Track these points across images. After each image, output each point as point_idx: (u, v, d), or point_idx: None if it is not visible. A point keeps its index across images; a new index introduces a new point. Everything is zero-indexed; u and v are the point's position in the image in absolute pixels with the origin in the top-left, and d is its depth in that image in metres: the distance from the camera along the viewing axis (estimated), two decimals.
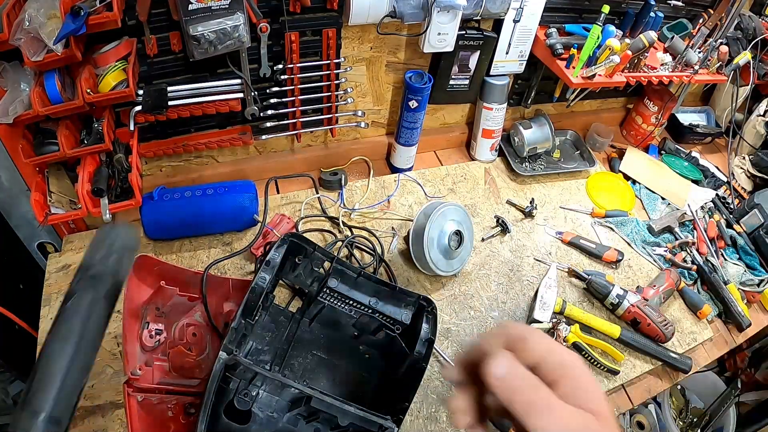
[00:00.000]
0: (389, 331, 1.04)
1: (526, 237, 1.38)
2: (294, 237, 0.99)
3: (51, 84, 0.91)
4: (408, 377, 0.94)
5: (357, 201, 1.36)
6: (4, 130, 0.95)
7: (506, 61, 1.39)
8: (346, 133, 1.44)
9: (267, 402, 0.87)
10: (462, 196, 1.44)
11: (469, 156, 1.59)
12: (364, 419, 0.81)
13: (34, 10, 0.83)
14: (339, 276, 1.02)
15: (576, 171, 1.58)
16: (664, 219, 1.48)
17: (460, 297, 1.22)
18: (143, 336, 0.92)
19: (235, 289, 1.04)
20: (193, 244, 1.20)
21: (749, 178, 1.69)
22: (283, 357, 0.98)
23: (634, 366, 1.18)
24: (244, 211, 1.20)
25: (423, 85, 1.29)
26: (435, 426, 1.00)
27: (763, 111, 1.69)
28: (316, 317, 1.04)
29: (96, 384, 0.96)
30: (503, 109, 1.47)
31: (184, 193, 1.18)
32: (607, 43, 1.26)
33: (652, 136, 1.72)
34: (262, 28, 1.05)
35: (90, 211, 1.02)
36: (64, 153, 0.98)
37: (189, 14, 0.95)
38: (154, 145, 1.19)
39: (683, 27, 1.49)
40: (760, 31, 1.54)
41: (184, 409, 0.89)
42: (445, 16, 1.19)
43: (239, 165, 1.34)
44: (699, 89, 1.92)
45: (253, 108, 1.19)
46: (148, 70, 1.07)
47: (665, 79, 1.41)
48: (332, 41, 1.17)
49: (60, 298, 1.06)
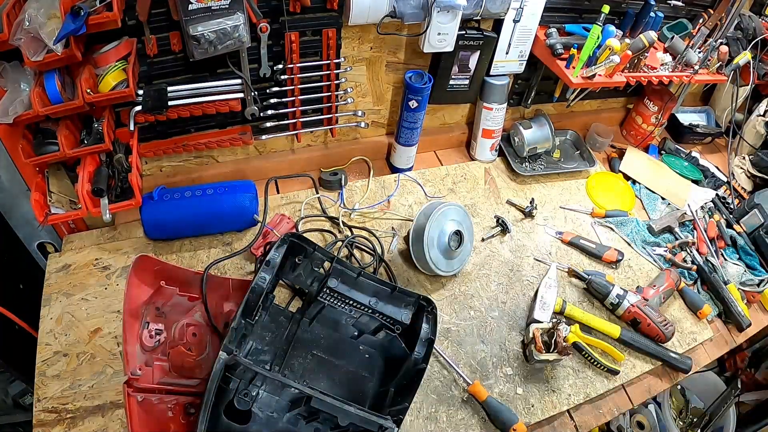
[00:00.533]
0: (389, 331, 1.04)
1: (526, 237, 1.38)
2: (294, 237, 0.99)
3: (51, 84, 0.91)
4: (408, 377, 0.94)
5: (357, 201, 1.36)
6: (4, 130, 0.95)
7: (506, 61, 1.39)
8: (346, 133, 1.44)
9: (267, 402, 0.87)
10: (462, 196, 1.44)
11: (469, 156, 1.59)
12: (364, 419, 0.81)
13: (34, 10, 0.83)
14: (339, 276, 1.02)
15: (576, 171, 1.58)
16: (664, 219, 1.48)
17: (460, 297, 1.22)
18: (143, 336, 0.92)
19: (235, 289, 1.05)
20: (193, 244, 1.20)
21: (749, 178, 1.69)
22: (283, 357, 0.98)
23: (634, 366, 1.18)
24: (244, 211, 1.20)
25: (423, 85, 1.29)
26: (435, 426, 1.00)
27: (763, 111, 1.69)
28: (316, 317, 1.04)
29: (96, 384, 0.96)
30: (503, 109, 1.47)
31: (184, 193, 1.18)
32: (607, 43, 1.26)
33: (652, 136, 1.72)
34: (262, 28, 1.05)
35: (90, 211, 1.02)
36: (64, 153, 0.98)
37: (189, 14, 0.95)
38: (154, 145, 1.19)
39: (683, 27, 1.49)
40: (760, 31, 1.54)
41: (184, 409, 0.89)
42: (445, 16, 1.19)
43: (239, 165, 1.34)
44: (699, 89, 1.92)
45: (253, 108, 1.19)
46: (148, 70, 1.07)
47: (665, 79, 1.41)
48: (332, 41, 1.17)
49: (60, 298, 1.06)
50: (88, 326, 1.03)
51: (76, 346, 1.00)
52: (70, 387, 0.95)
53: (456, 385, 1.07)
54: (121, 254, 1.16)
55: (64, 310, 1.05)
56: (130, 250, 1.17)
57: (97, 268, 1.13)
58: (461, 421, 1.02)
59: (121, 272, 1.13)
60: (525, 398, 1.07)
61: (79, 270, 1.12)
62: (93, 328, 1.03)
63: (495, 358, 1.12)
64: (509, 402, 1.05)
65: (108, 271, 1.13)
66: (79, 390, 0.95)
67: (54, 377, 0.96)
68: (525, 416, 1.04)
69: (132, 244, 1.18)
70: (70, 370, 0.97)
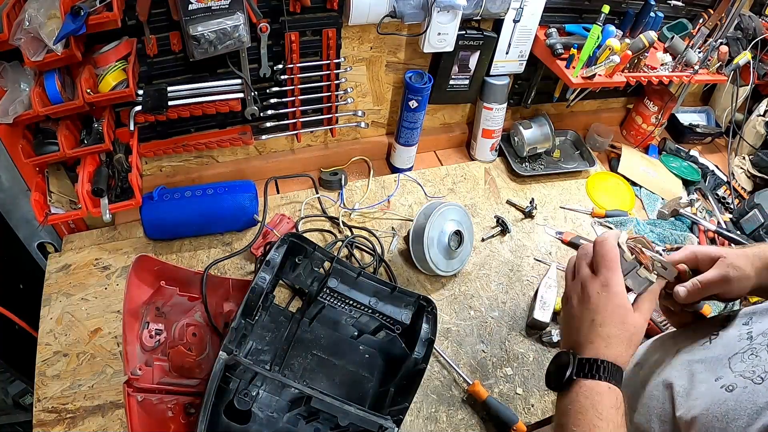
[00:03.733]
0: (389, 331, 1.04)
1: (526, 237, 1.38)
2: (294, 237, 0.99)
3: (51, 84, 0.91)
4: (408, 377, 0.94)
5: (357, 201, 1.36)
6: (4, 130, 0.95)
7: (506, 61, 1.39)
8: (346, 133, 1.44)
9: (267, 402, 0.87)
10: (462, 196, 1.44)
11: (469, 156, 1.59)
12: (364, 419, 0.81)
13: (34, 10, 0.83)
14: (339, 276, 1.02)
15: (576, 171, 1.58)
16: (670, 203, 1.50)
17: (460, 297, 1.22)
18: (143, 336, 0.92)
19: (235, 289, 1.05)
20: (193, 244, 1.20)
21: (749, 178, 1.69)
22: (283, 357, 0.98)
23: None
24: (244, 211, 1.20)
25: (423, 85, 1.29)
26: (435, 426, 1.00)
27: (763, 111, 1.69)
28: (316, 317, 1.04)
29: (96, 384, 0.96)
30: (503, 109, 1.46)
31: (184, 193, 1.18)
32: (607, 43, 1.26)
33: (652, 136, 1.72)
34: (262, 28, 1.05)
35: (90, 211, 1.02)
36: (64, 153, 0.98)
37: (189, 14, 0.95)
38: (154, 145, 1.19)
39: (683, 27, 1.49)
40: (760, 31, 1.54)
41: (184, 409, 0.89)
42: (445, 16, 1.19)
43: (239, 165, 1.34)
44: (699, 89, 1.92)
45: (253, 108, 1.19)
46: (148, 70, 1.07)
47: (665, 79, 1.41)
48: (332, 41, 1.17)
49: (60, 298, 1.06)
50: (88, 326, 1.03)
51: (76, 346, 1.00)
52: (70, 387, 0.95)
53: (456, 385, 1.07)
54: (121, 254, 1.16)
55: (64, 310, 1.05)
56: (130, 250, 1.17)
57: (97, 268, 1.13)
58: (461, 421, 1.02)
59: (121, 272, 1.13)
60: (525, 398, 1.07)
61: (79, 270, 1.12)
62: (93, 328, 1.03)
63: (495, 358, 1.12)
64: (509, 402, 1.05)
65: (108, 271, 1.13)
66: (79, 390, 0.95)
67: (54, 377, 0.96)
68: (525, 416, 1.04)
69: (132, 244, 1.18)
70: (70, 370, 0.97)
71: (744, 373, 0.54)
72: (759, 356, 0.54)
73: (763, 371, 0.52)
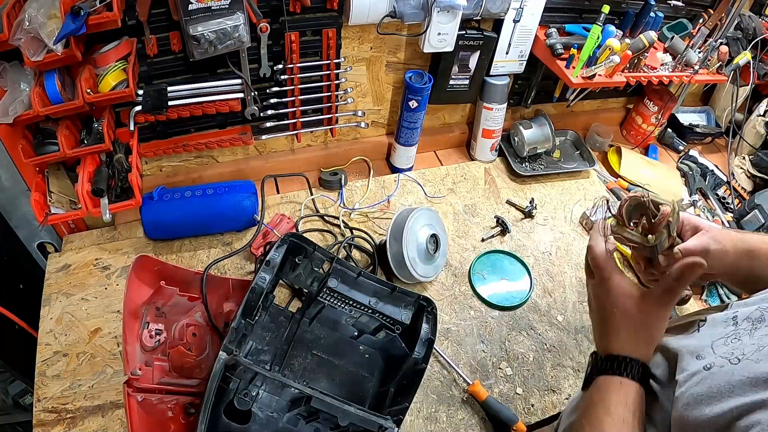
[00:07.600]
0: (389, 331, 1.04)
1: (526, 237, 1.38)
2: (294, 237, 0.99)
3: (51, 84, 0.91)
4: (408, 377, 0.94)
5: (357, 201, 1.36)
6: (4, 130, 0.95)
7: (506, 61, 1.39)
8: (346, 133, 1.44)
9: (267, 402, 0.87)
10: (462, 196, 1.44)
11: (469, 156, 1.59)
12: (364, 419, 0.81)
13: (34, 10, 0.83)
14: (339, 276, 1.02)
15: (576, 171, 1.58)
16: None
17: (460, 297, 1.22)
18: (143, 336, 0.92)
19: (235, 289, 1.05)
20: (193, 244, 1.20)
21: (749, 178, 1.69)
22: (283, 357, 0.98)
23: None
24: (244, 211, 1.20)
25: (423, 85, 1.29)
26: (435, 426, 1.00)
27: (763, 111, 1.69)
28: (316, 317, 1.04)
29: (96, 384, 0.96)
30: (503, 109, 1.46)
31: (184, 193, 1.18)
32: (607, 43, 1.26)
33: (652, 136, 1.72)
34: (262, 28, 1.05)
35: (90, 211, 1.02)
36: (64, 153, 0.98)
37: (189, 14, 0.95)
38: (154, 145, 1.19)
39: (683, 27, 1.49)
40: (760, 31, 1.54)
41: (184, 409, 0.89)
42: (445, 16, 1.19)
43: (239, 165, 1.34)
44: (699, 89, 1.92)
45: (253, 108, 1.19)
46: (148, 70, 1.07)
47: (665, 79, 1.41)
48: (332, 41, 1.17)
49: (60, 298, 1.06)
50: (88, 326, 1.03)
51: (76, 346, 1.00)
52: (70, 387, 0.95)
53: (456, 385, 1.07)
54: (121, 254, 1.16)
55: (64, 310, 1.05)
56: (130, 250, 1.17)
57: (97, 268, 1.13)
58: (461, 421, 1.02)
59: (121, 272, 1.13)
60: (525, 398, 1.07)
61: (79, 270, 1.12)
62: (93, 328, 1.03)
63: (495, 358, 1.12)
64: (509, 402, 1.05)
65: (108, 271, 1.13)
66: (79, 390, 0.95)
67: (54, 377, 0.96)
68: (525, 416, 1.04)
69: (132, 244, 1.18)
70: (70, 370, 0.97)
71: (724, 354, 0.55)
72: (741, 340, 0.56)
73: (741, 353, 0.53)
